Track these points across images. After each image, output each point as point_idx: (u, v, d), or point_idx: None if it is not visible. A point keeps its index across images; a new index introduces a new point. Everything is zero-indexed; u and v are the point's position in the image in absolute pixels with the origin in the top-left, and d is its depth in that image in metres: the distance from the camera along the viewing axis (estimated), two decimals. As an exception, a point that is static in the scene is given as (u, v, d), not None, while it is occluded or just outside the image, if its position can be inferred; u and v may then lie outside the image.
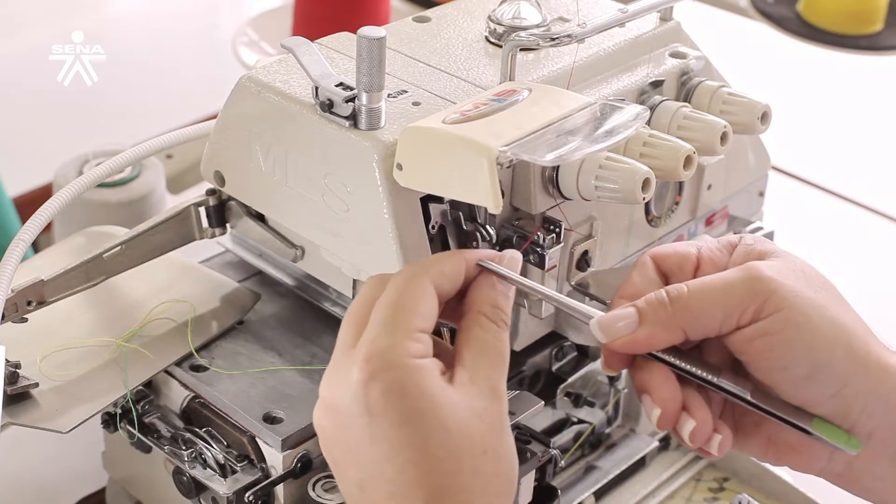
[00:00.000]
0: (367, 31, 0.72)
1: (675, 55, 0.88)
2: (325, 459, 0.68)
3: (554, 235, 0.79)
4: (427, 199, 0.76)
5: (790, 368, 0.68)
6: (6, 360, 0.78)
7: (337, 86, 0.75)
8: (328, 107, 0.75)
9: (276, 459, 0.78)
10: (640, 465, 0.94)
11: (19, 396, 0.80)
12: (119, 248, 0.84)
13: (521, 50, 0.82)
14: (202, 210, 0.88)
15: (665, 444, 0.96)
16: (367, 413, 0.63)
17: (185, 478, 0.81)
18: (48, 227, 0.96)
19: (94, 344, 0.84)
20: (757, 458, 0.73)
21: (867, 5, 1.61)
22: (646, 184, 0.74)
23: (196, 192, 1.00)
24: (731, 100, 0.86)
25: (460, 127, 0.70)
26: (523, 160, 0.69)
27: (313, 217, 0.79)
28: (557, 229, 0.79)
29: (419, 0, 1.61)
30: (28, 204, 1.17)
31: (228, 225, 0.89)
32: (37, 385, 0.81)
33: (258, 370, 0.83)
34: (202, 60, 1.79)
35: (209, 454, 0.80)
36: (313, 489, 0.78)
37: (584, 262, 0.83)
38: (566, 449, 0.89)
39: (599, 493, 0.91)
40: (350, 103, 0.74)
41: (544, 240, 0.79)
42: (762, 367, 0.69)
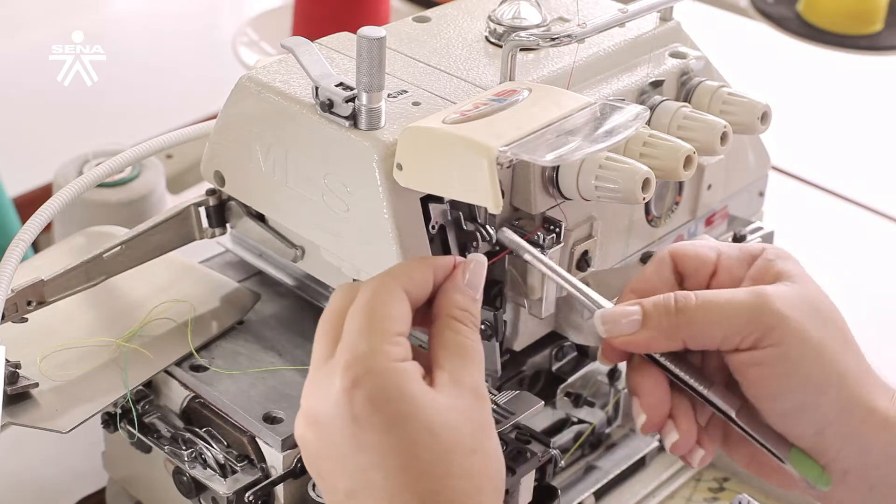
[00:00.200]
0: (367, 31, 0.72)
1: (675, 55, 0.88)
2: (310, 473, 0.67)
3: (554, 235, 0.79)
4: (427, 199, 0.76)
5: (777, 401, 0.69)
6: (6, 360, 0.78)
7: (337, 86, 0.75)
8: (328, 107, 0.75)
9: (276, 459, 0.78)
10: (640, 465, 0.94)
11: (19, 396, 0.80)
12: (119, 248, 0.84)
13: (521, 50, 0.82)
14: (202, 210, 0.88)
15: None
16: (353, 421, 0.63)
17: (185, 478, 0.81)
18: (48, 227, 0.96)
19: (94, 344, 0.84)
20: (745, 468, 0.74)
21: (867, 5, 1.61)
22: (646, 184, 0.74)
23: (196, 192, 1.00)
24: (731, 100, 0.86)
25: (460, 127, 0.70)
26: (523, 160, 0.69)
27: (313, 217, 0.79)
28: (557, 229, 0.79)
29: (419, 0, 1.61)
30: (28, 204, 1.17)
31: (228, 225, 0.89)
32: (37, 385, 0.81)
33: (258, 370, 0.83)
34: (202, 60, 1.78)
35: (209, 454, 0.80)
36: (313, 489, 0.78)
37: (584, 262, 0.83)
38: (566, 449, 0.89)
39: (599, 493, 0.91)
40: (350, 103, 0.74)
41: (544, 240, 0.79)
42: (752, 392, 0.70)
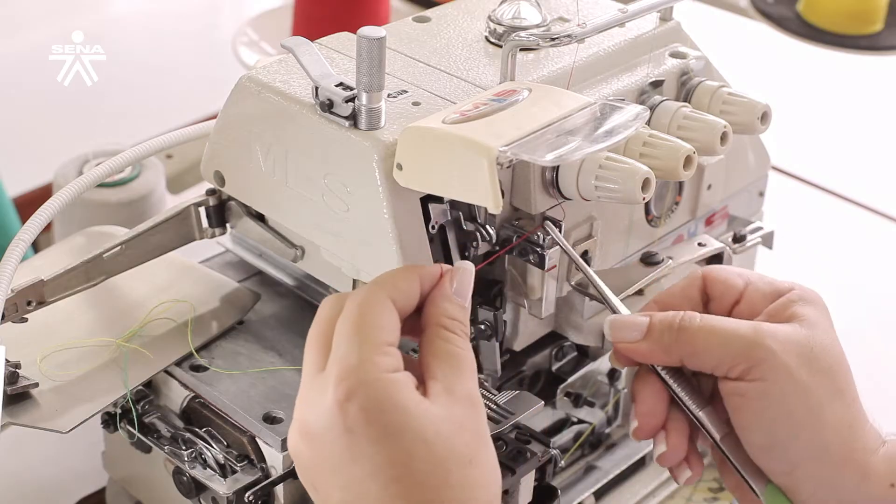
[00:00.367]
0: (367, 31, 0.72)
1: (675, 55, 0.88)
2: (304, 485, 0.67)
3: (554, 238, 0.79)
4: (427, 199, 0.76)
5: (752, 433, 0.71)
6: (6, 360, 0.78)
7: (337, 86, 0.75)
8: (328, 107, 0.75)
9: (276, 459, 0.78)
10: (640, 465, 0.94)
11: (19, 396, 0.80)
12: (119, 248, 0.84)
13: (521, 50, 0.82)
14: (202, 210, 0.88)
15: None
16: (347, 433, 0.63)
17: (185, 478, 0.81)
18: (48, 227, 0.96)
19: (94, 344, 0.84)
20: (731, 492, 0.77)
21: (867, 5, 1.61)
22: (646, 184, 0.74)
23: (196, 192, 1.00)
24: (731, 100, 0.86)
25: (460, 127, 0.70)
26: (523, 160, 0.69)
27: (313, 217, 0.79)
28: (558, 229, 0.79)
29: (419, 0, 1.61)
30: (28, 204, 1.17)
31: (228, 225, 0.89)
32: (37, 385, 0.81)
33: (258, 370, 0.83)
34: (202, 60, 1.78)
35: (209, 454, 0.80)
36: (313, 489, 0.78)
37: (584, 261, 0.83)
38: (566, 449, 0.89)
39: (599, 493, 0.91)
40: (350, 103, 0.74)
41: (544, 240, 0.79)
42: (734, 422, 0.72)
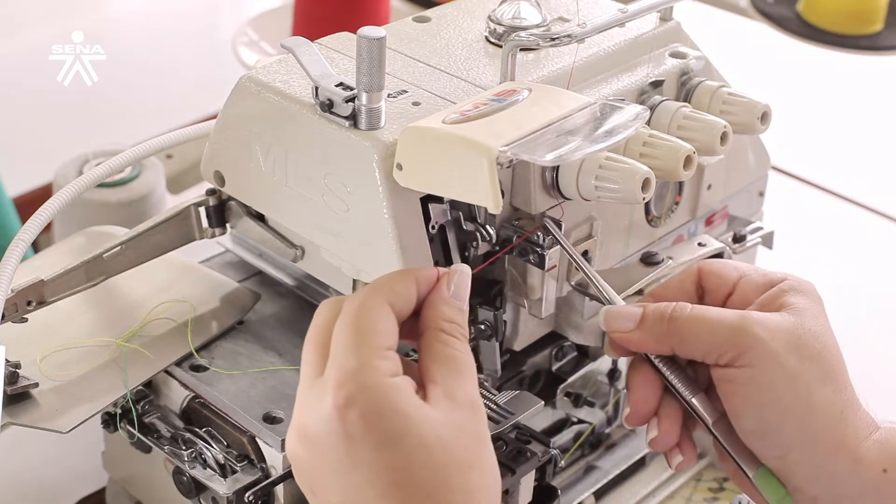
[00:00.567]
0: (367, 31, 0.72)
1: (675, 55, 0.88)
2: (302, 490, 0.67)
3: (553, 235, 0.79)
4: (427, 199, 0.76)
5: (742, 419, 0.72)
6: (6, 360, 0.78)
7: (337, 86, 0.75)
8: (328, 107, 0.75)
9: (276, 459, 0.78)
10: (640, 465, 0.94)
11: (19, 396, 0.80)
12: (119, 248, 0.84)
13: (521, 50, 0.82)
14: (202, 210, 0.88)
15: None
16: (346, 439, 0.63)
17: (185, 478, 0.81)
18: (48, 227, 0.96)
19: (94, 344, 0.84)
20: (731, 479, 0.78)
21: (867, 5, 1.61)
22: (646, 184, 0.74)
23: (196, 192, 1.00)
24: (731, 100, 0.86)
25: (460, 127, 0.70)
26: (523, 160, 0.69)
27: (313, 217, 0.79)
28: (558, 228, 0.79)
29: (419, 0, 1.61)
30: (28, 204, 1.17)
31: (228, 225, 0.89)
32: (37, 385, 0.81)
33: (258, 370, 0.83)
34: (202, 60, 1.78)
35: (209, 454, 0.80)
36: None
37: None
38: (566, 449, 0.89)
39: (599, 493, 0.91)
40: (350, 103, 0.74)
41: (544, 240, 0.79)
42: (725, 408, 0.73)
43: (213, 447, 0.80)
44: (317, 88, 0.76)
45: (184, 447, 0.81)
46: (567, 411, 0.90)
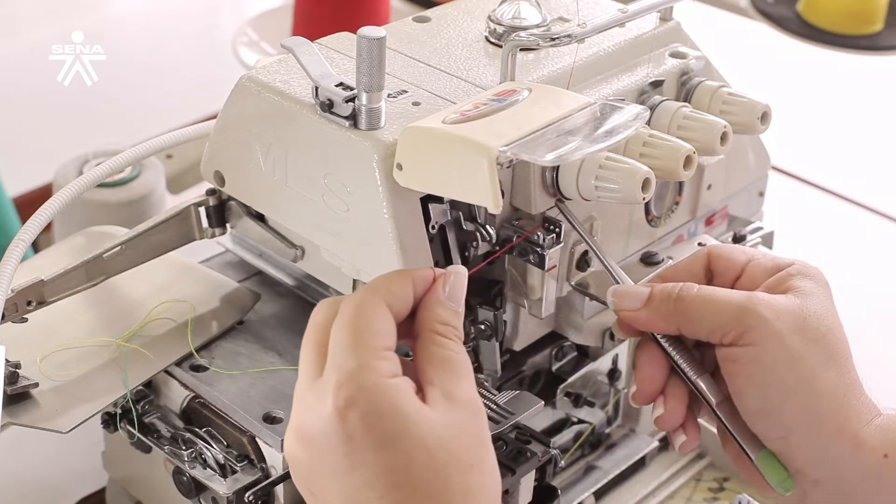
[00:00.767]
0: (367, 31, 0.72)
1: (675, 55, 0.88)
2: (300, 491, 0.67)
3: (554, 235, 0.79)
4: (427, 199, 0.76)
5: (745, 398, 0.72)
6: (6, 360, 0.78)
7: (337, 86, 0.75)
8: (328, 107, 0.75)
9: (276, 459, 0.78)
10: (640, 465, 0.94)
11: (19, 396, 0.80)
12: (119, 248, 0.84)
13: (521, 50, 0.82)
14: (202, 210, 0.88)
15: (665, 444, 0.96)
16: (347, 440, 0.63)
17: (185, 478, 0.81)
18: (48, 227, 0.96)
19: (94, 344, 0.84)
20: (733, 464, 0.78)
21: (867, 5, 1.61)
22: (646, 184, 0.74)
23: (196, 192, 1.00)
24: (731, 100, 0.86)
25: (460, 127, 0.70)
26: (523, 160, 0.69)
27: (313, 217, 0.79)
28: (557, 229, 0.79)
29: (419, 0, 1.61)
30: (28, 204, 1.17)
31: (228, 225, 0.89)
32: (37, 385, 0.81)
33: (258, 370, 0.83)
34: (202, 60, 1.78)
35: (209, 454, 0.80)
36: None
37: (584, 262, 0.83)
38: (566, 449, 0.89)
39: (599, 493, 0.91)
40: (350, 103, 0.74)
41: (544, 240, 0.79)
42: (729, 388, 0.73)
43: (213, 447, 0.80)
44: (317, 88, 0.76)
45: (184, 447, 0.81)
46: (567, 411, 0.90)
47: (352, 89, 0.75)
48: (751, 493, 0.90)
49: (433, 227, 0.76)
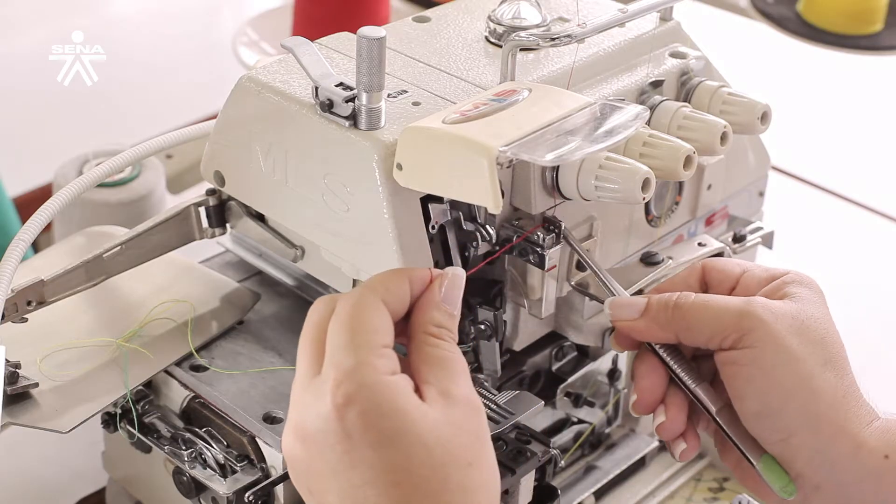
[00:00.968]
0: (367, 31, 0.72)
1: (675, 55, 0.88)
2: (298, 490, 0.67)
3: (554, 235, 0.79)
4: (427, 199, 0.76)
5: (745, 401, 0.73)
6: (6, 360, 0.78)
7: (337, 86, 0.75)
8: (328, 107, 0.75)
9: (276, 459, 0.78)
10: (640, 465, 0.94)
11: (19, 396, 0.80)
12: (119, 248, 0.84)
13: (521, 50, 0.82)
14: (202, 210, 0.88)
15: (665, 445, 0.96)
16: (346, 438, 0.63)
17: (185, 478, 0.81)
18: (48, 227, 0.96)
19: (94, 344, 0.84)
20: (731, 472, 0.78)
21: (867, 5, 1.61)
22: (646, 184, 0.74)
23: (196, 192, 1.00)
24: (731, 100, 0.86)
25: (460, 127, 0.70)
26: (523, 160, 0.69)
27: (313, 217, 0.79)
28: (557, 229, 0.79)
29: (419, 0, 1.61)
30: (28, 204, 1.18)
31: (228, 225, 0.89)
32: (37, 385, 0.81)
33: (258, 370, 0.83)
34: (202, 60, 1.79)
35: (209, 454, 0.80)
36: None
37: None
38: (566, 449, 0.89)
39: (599, 493, 0.91)
40: (350, 103, 0.74)
41: (544, 240, 0.79)
42: (729, 392, 0.74)
43: (213, 447, 0.80)
44: (317, 88, 0.76)
45: (184, 447, 0.81)
46: (567, 411, 0.90)
47: (352, 89, 0.75)
48: (751, 493, 0.90)
49: (433, 227, 0.76)
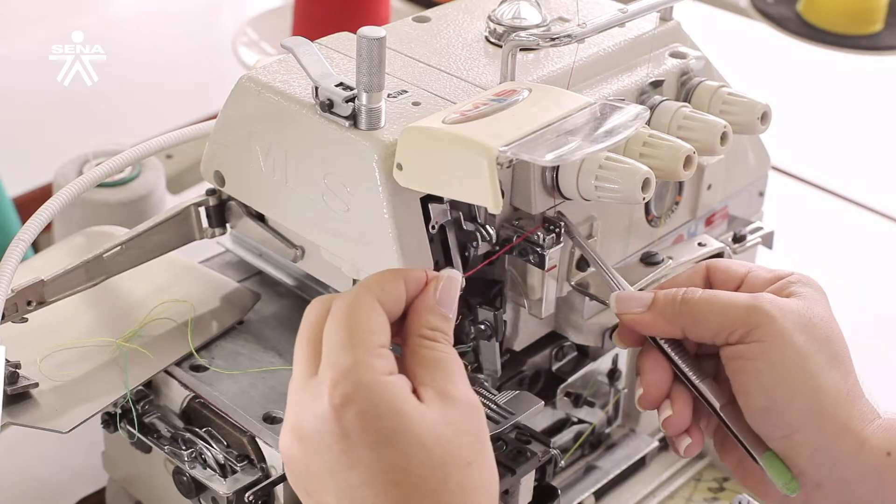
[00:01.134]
0: (367, 31, 0.72)
1: (675, 55, 0.88)
2: (295, 491, 0.67)
3: (554, 235, 0.79)
4: (427, 199, 0.76)
5: (749, 396, 0.73)
6: (6, 360, 0.78)
7: (337, 86, 0.75)
8: (328, 107, 0.75)
9: (276, 459, 0.78)
10: (640, 465, 0.94)
11: (19, 396, 0.80)
12: (119, 248, 0.84)
13: (521, 50, 0.82)
14: (202, 210, 0.88)
15: (665, 444, 0.96)
16: (344, 438, 0.63)
17: (185, 478, 0.81)
18: (48, 227, 0.96)
19: (94, 344, 0.84)
20: (732, 472, 0.78)
21: (867, 5, 1.61)
22: (646, 184, 0.74)
23: (196, 192, 1.00)
24: (731, 100, 0.86)
25: (460, 127, 0.70)
26: (523, 160, 0.69)
27: (313, 217, 0.79)
28: (557, 229, 0.79)
29: (419, 0, 1.61)
30: (28, 204, 1.18)
31: (228, 225, 0.89)
32: (37, 385, 0.81)
33: (258, 370, 0.83)
34: (202, 60, 1.79)
35: (209, 454, 0.80)
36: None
37: (584, 262, 0.83)
38: (566, 449, 0.89)
39: (599, 493, 0.91)
40: (350, 103, 0.74)
41: (544, 240, 0.79)
42: (734, 387, 0.74)
43: (213, 447, 0.80)
44: (317, 88, 0.76)
45: (184, 447, 0.81)
46: (567, 411, 0.90)
47: (352, 89, 0.75)
48: (750, 493, 0.90)
49: (433, 227, 0.76)
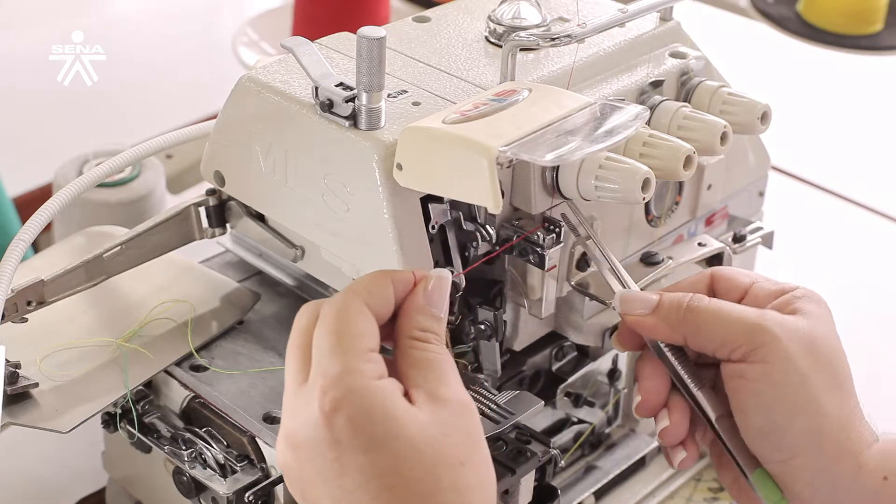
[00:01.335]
0: (367, 31, 0.72)
1: (675, 55, 0.88)
2: (293, 496, 0.67)
3: (554, 235, 0.79)
4: (427, 199, 0.76)
5: (748, 416, 0.72)
6: (6, 360, 0.78)
7: (337, 86, 0.75)
8: (328, 107, 0.75)
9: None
10: (640, 465, 0.94)
11: (19, 396, 0.80)
12: (119, 248, 0.84)
13: (521, 50, 0.82)
14: (202, 210, 0.88)
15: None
16: (335, 444, 0.63)
17: (185, 478, 0.81)
18: (48, 227, 0.96)
19: (94, 344, 0.84)
20: (727, 490, 0.78)
21: (867, 5, 1.62)
22: (646, 184, 0.74)
23: (196, 192, 1.00)
24: (731, 100, 0.86)
25: (460, 127, 0.70)
26: (523, 160, 0.69)
27: (313, 217, 0.79)
28: (557, 229, 0.79)
29: (419, 0, 1.61)
30: (28, 204, 1.18)
31: (228, 225, 0.89)
32: (37, 385, 0.81)
33: (258, 370, 0.83)
34: (202, 60, 1.79)
35: (209, 454, 0.80)
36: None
37: (584, 262, 0.83)
38: (566, 449, 0.89)
39: (599, 493, 0.91)
40: (350, 103, 0.74)
41: (544, 240, 0.79)
42: (732, 405, 0.73)
43: (213, 447, 0.80)
44: (317, 88, 0.76)
45: (184, 447, 0.81)
46: (567, 411, 0.90)
47: (352, 89, 0.75)
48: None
49: (433, 227, 0.76)
